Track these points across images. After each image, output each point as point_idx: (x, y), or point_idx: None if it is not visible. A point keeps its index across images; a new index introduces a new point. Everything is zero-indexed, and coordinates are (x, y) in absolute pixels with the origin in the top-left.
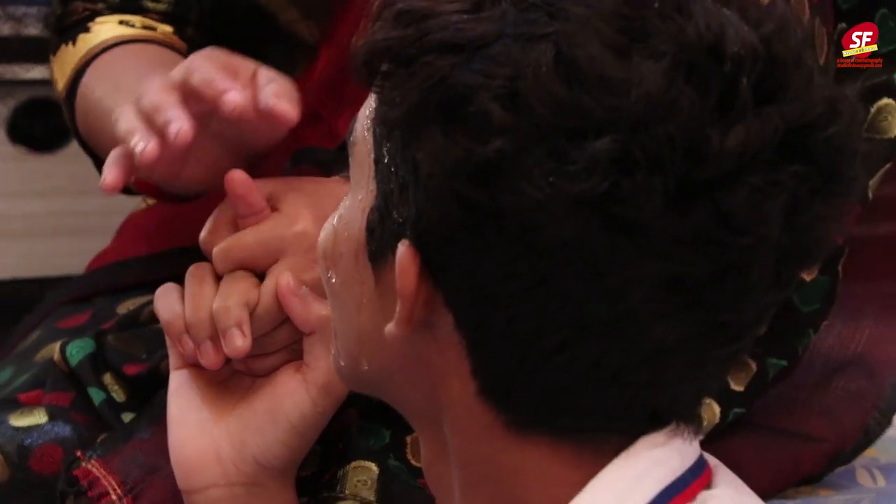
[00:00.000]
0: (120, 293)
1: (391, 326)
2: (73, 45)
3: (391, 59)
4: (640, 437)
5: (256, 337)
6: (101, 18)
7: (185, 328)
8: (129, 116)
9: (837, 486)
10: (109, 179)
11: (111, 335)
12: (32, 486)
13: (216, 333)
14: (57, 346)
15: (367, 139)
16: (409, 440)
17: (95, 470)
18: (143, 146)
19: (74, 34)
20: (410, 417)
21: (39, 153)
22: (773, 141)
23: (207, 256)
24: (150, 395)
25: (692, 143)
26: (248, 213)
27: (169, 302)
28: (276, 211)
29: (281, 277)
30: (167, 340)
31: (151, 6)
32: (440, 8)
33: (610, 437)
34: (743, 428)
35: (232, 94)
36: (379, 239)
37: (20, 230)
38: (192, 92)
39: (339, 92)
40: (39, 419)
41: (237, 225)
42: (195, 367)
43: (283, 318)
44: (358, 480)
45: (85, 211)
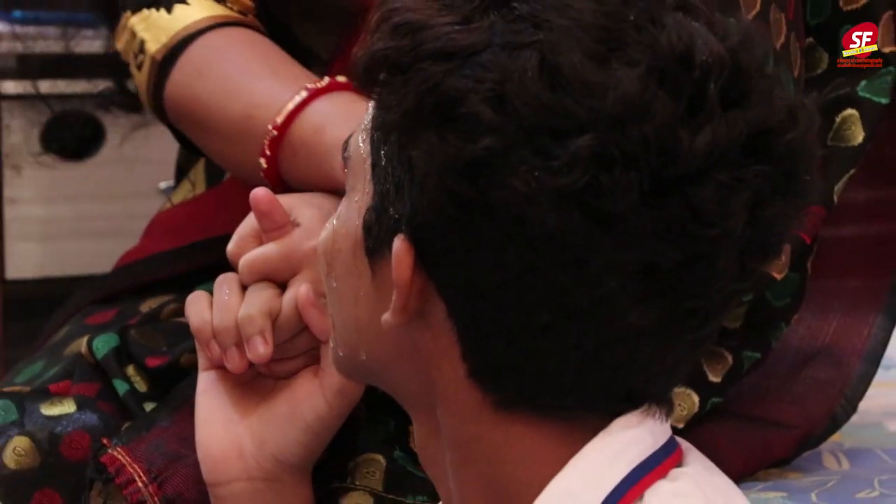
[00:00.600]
0: (144, 291)
1: (387, 316)
2: (166, 11)
3: (389, 67)
4: (616, 417)
5: (278, 343)
6: None
7: (212, 335)
8: (201, 307)
9: (805, 469)
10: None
11: (134, 330)
12: (62, 471)
13: (241, 340)
14: (84, 340)
15: (361, 149)
16: (411, 430)
17: (121, 457)
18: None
19: (168, 2)
20: (406, 403)
21: (69, 161)
22: (738, 142)
23: (234, 267)
24: (170, 386)
25: (665, 142)
26: (271, 228)
27: (198, 309)
28: (296, 226)
29: (301, 289)
30: (196, 345)
31: None
32: (433, 20)
33: (589, 416)
34: (718, 415)
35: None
36: (376, 235)
37: (51, 232)
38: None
39: None
40: (68, 408)
41: (262, 238)
42: (222, 369)
43: (302, 326)
44: (367, 471)
45: (110, 215)
